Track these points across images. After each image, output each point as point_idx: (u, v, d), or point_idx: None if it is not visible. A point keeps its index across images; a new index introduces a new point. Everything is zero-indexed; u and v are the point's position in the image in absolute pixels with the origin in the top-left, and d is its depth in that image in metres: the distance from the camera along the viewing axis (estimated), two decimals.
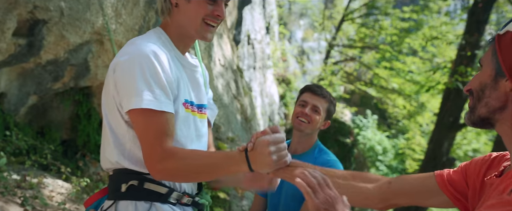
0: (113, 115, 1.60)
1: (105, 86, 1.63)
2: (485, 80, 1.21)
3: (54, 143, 4.97)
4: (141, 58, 1.52)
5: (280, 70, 17.45)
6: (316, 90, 2.43)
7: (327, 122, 2.49)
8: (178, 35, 1.68)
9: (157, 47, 1.57)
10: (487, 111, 1.21)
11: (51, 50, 4.44)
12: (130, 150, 1.59)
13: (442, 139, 10.19)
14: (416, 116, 17.60)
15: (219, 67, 6.54)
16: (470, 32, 9.27)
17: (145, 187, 1.59)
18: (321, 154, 2.45)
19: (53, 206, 4.03)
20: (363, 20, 19.03)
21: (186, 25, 1.65)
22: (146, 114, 1.49)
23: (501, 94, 1.17)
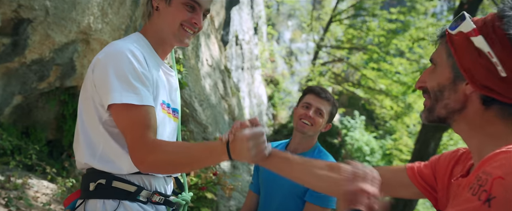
0: (89, 116, 1.61)
1: (83, 87, 1.64)
2: (443, 82, 1.19)
3: (39, 143, 4.91)
4: (118, 55, 1.54)
5: (268, 71, 17.47)
6: (320, 93, 2.44)
7: (329, 124, 2.51)
8: (157, 40, 1.73)
9: (135, 47, 1.60)
10: (447, 112, 1.21)
11: (36, 50, 4.40)
12: (103, 151, 1.60)
13: (429, 140, 10.28)
14: (403, 116, 17.72)
15: (206, 68, 6.52)
16: None
17: (113, 186, 1.60)
18: (320, 155, 2.45)
19: (38, 206, 3.98)
20: (351, 21, 19.14)
21: (165, 29, 1.69)
22: (127, 108, 1.51)
23: (460, 96, 1.16)
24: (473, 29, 1.10)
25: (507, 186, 0.93)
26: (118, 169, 1.60)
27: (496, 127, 1.13)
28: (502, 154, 1.00)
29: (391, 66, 16.49)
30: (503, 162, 0.98)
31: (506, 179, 0.94)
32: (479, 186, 0.97)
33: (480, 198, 0.95)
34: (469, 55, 1.11)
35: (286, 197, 2.43)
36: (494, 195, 0.94)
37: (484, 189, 0.95)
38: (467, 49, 1.12)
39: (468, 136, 1.20)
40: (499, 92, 1.09)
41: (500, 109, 1.12)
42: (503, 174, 0.95)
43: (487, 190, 0.95)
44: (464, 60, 1.13)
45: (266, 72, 17.11)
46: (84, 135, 1.62)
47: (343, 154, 10.89)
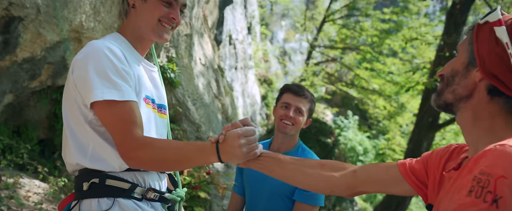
0: (74, 117, 1.61)
1: (65, 89, 1.64)
2: (457, 67, 1.22)
3: (31, 142, 4.87)
4: (96, 53, 1.54)
5: (261, 71, 17.47)
6: (298, 91, 2.44)
7: (309, 120, 2.52)
8: (135, 37, 1.73)
9: (112, 44, 1.60)
10: (454, 98, 1.22)
11: (28, 48, 4.36)
12: (93, 150, 1.60)
13: (422, 139, 10.34)
14: (396, 116, 17.81)
15: (200, 67, 6.50)
16: (448, 33, 9.42)
17: (107, 184, 1.60)
18: (304, 153, 2.47)
19: (30, 206, 3.95)
20: (344, 21, 19.19)
21: (143, 26, 1.70)
22: (110, 105, 1.51)
23: (469, 83, 1.18)
24: (499, 20, 1.12)
25: (511, 184, 0.93)
26: (111, 166, 1.60)
27: (497, 121, 1.14)
28: (492, 151, 1.00)
29: (384, 66, 16.56)
30: (497, 159, 0.97)
31: (509, 177, 0.94)
32: (481, 188, 0.96)
33: (486, 200, 0.94)
34: (487, 43, 1.14)
35: (274, 198, 2.43)
36: (500, 195, 0.93)
37: (488, 190, 0.95)
38: (488, 37, 1.14)
39: (469, 126, 1.21)
40: (506, 84, 1.11)
41: (505, 103, 1.13)
42: (505, 173, 0.94)
43: (492, 191, 0.94)
44: (481, 47, 1.15)
45: (259, 72, 17.11)
46: (72, 137, 1.62)
47: (336, 153, 10.89)
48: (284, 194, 2.42)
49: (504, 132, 1.11)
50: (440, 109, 1.29)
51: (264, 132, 14.11)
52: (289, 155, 2.44)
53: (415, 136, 10.55)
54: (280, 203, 2.43)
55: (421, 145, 10.29)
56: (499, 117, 1.14)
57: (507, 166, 0.95)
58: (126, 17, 1.72)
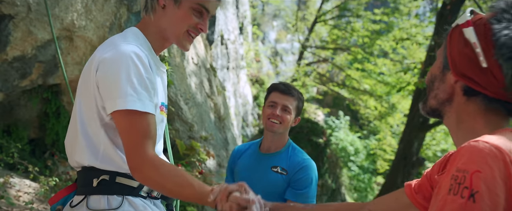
0: (89, 116, 1.58)
1: (84, 86, 1.60)
2: (435, 72, 1.25)
3: (22, 141, 4.83)
4: (125, 59, 1.50)
5: (253, 71, 17.47)
6: (284, 89, 2.45)
7: (297, 118, 2.53)
8: (157, 37, 1.68)
9: (139, 49, 1.55)
10: (437, 103, 1.25)
11: (18, 46, 4.31)
12: (104, 152, 1.58)
13: (412, 139, 10.41)
14: (387, 117, 17.91)
15: (192, 66, 6.49)
16: (438, 34, 9.50)
17: (117, 181, 1.59)
18: (294, 153, 2.48)
19: (20, 205, 3.92)
20: (336, 22, 19.27)
21: (168, 30, 1.65)
22: (130, 115, 1.48)
23: (447, 86, 1.20)
24: (467, 21, 1.15)
25: (485, 178, 0.96)
26: (121, 168, 1.59)
27: (477, 121, 1.16)
28: (466, 148, 1.03)
29: (375, 66, 16.65)
30: (471, 155, 1.00)
31: (483, 172, 0.96)
32: (458, 184, 0.99)
33: (463, 196, 0.97)
34: (457, 45, 1.17)
35: (266, 197, 2.42)
36: (476, 189, 0.96)
37: (465, 186, 0.97)
38: (458, 39, 1.17)
39: (455, 129, 1.23)
40: (479, 83, 1.12)
41: (482, 101, 1.15)
42: (479, 167, 0.97)
43: (468, 186, 0.96)
44: (452, 49, 1.18)
45: (251, 72, 17.11)
46: (84, 136, 1.59)
47: (328, 153, 10.93)
48: (276, 193, 2.42)
49: (484, 130, 1.13)
50: (429, 116, 1.32)
51: (256, 132, 14.11)
52: (280, 154, 2.48)
53: (406, 136, 10.62)
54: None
55: (412, 145, 10.36)
56: (479, 116, 1.16)
57: (481, 161, 0.98)
58: (153, 14, 1.65)
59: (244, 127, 14.08)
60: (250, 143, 2.67)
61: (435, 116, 1.29)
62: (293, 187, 2.38)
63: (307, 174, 2.39)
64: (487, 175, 0.96)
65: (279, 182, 2.40)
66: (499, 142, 1.01)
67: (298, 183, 2.38)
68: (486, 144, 1.00)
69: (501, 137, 1.04)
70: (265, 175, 2.43)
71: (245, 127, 14.24)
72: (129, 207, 1.58)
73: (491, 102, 1.13)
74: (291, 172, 2.40)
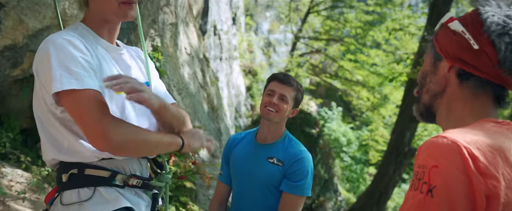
0: (44, 115, 1.59)
1: (34, 89, 1.62)
2: (426, 69, 1.27)
3: (13, 131, 4.79)
4: (52, 46, 1.51)
5: (246, 62, 17.44)
6: (283, 79, 2.44)
7: (295, 109, 2.51)
8: (99, 23, 1.68)
9: (70, 35, 1.55)
10: (429, 97, 1.26)
11: (9, 35, 4.26)
12: (68, 146, 1.58)
13: (404, 130, 10.47)
14: (380, 107, 17.98)
15: (185, 56, 6.46)
16: (431, 24, 9.52)
17: (86, 174, 1.59)
18: (291, 144, 2.46)
19: (13, 195, 3.90)
20: (329, 13, 19.22)
21: (104, 11, 1.65)
22: (71, 95, 1.46)
23: (440, 77, 1.22)
24: (450, 18, 1.20)
25: (442, 172, 0.98)
26: (87, 157, 1.58)
27: (466, 108, 1.18)
28: (426, 144, 1.05)
29: (367, 57, 16.67)
30: (430, 150, 1.02)
31: (440, 166, 0.98)
32: (418, 180, 1.01)
33: (422, 191, 0.99)
34: (445, 36, 1.20)
35: (262, 188, 2.43)
36: (434, 184, 0.98)
37: (424, 181, 0.99)
38: (445, 34, 1.20)
39: (445, 121, 1.24)
40: (472, 64, 1.14)
41: (475, 84, 1.16)
42: (436, 162, 0.99)
43: (427, 182, 0.99)
44: (441, 42, 1.21)
45: (244, 63, 17.08)
46: (45, 133, 1.60)
47: (321, 144, 10.97)
48: (272, 185, 2.41)
49: (470, 118, 1.16)
50: (422, 117, 1.32)
51: (249, 122, 14.12)
52: (276, 145, 2.47)
53: (398, 127, 10.68)
54: (268, 193, 2.43)
55: (404, 136, 10.42)
56: (468, 103, 1.18)
57: (438, 156, 1.00)
58: (86, 5, 1.67)
59: (237, 117, 14.09)
60: (246, 132, 2.66)
61: (429, 116, 1.30)
62: (289, 179, 2.37)
63: (303, 166, 2.38)
64: (444, 169, 0.98)
65: (275, 173, 2.39)
66: (459, 136, 1.02)
67: (294, 175, 2.37)
68: (444, 138, 1.02)
69: (468, 130, 1.06)
70: (261, 166, 2.42)
71: (238, 117, 14.24)
72: (100, 198, 1.57)
73: (483, 85, 1.15)
74: (287, 164, 2.39)
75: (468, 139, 1.01)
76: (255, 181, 2.44)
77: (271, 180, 2.40)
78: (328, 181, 11.42)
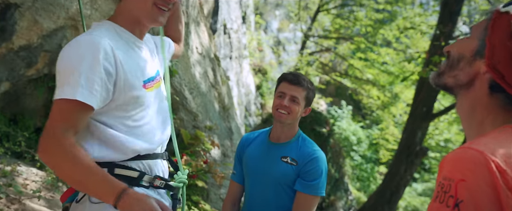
0: None
1: None
2: (464, 52, 1.18)
3: (28, 130, 4.84)
4: (84, 48, 1.50)
5: (256, 61, 17.44)
6: (293, 79, 2.42)
7: (308, 108, 2.50)
8: (130, 22, 1.67)
9: (98, 37, 1.53)
10: (454, 83, 1.21)
11: (24, 36, 4.31)
12: (99, 144, 1.59)
13: (416, 129, 10.41)
14: (390, 106, 17.89)
15: (196, 55, 6.48)
16: (443, 22, 9.44)
17: (116, 173, 1.59)
18: (305, 143, 2.45)
19: (28, 194, 3.94)
20: (338, 11, 19.15)
21: (137, 10, 1.64)
22: (60, 101, 1.50)
23: (472, 72, 1.15)
24: None
25: (470, 187, 0.95)
26: (118, 157, 1.59)
27: (489, 117, 1.14)
28: (452, 155, 1.02)
29: (378, 56, 16.59)
30: (456, 163, 1.00)
31: (468, 180, 0.96)
32: (444, 192, 0.99)
33: (448, 204, 0.97)
34: (501, 34, 1.10)
35: (275, 187, 2.43)
36: (461, 199, 0.96)
37: (450, 195, 0.97)
38: (503, 29, 1.10)
39: (466, 117, 1.20)
40: (508, 81, 1.08)
41: (503, 100, 1.12)
42: (464, 176, 0.97)
43: (454, 195, 0.97)
44: (493, 37, 1.12)
45: (254, 62, 17.08)
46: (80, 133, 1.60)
47: (331, 143, 10.95)
48: (286, 184, 2.41)
49: (490, 126, 1.12)
50: (437, 88, 1.28)
51: (259, 121, 14.12)
52: (290, 145, 2.46)
53: (409, 126, 10.62)
54: (281, 193, 2.42)
55: (416, 135, 10.36)
56: (493, 113, 1.13)
57: (466, 170, 0.97)
58: (120, 1, 1.67)
59: (247, 116, 14.09)
60: (259, 131, 2.65)
61: (445, 91, 1.25)
62: (303, 178, 2.36)
63: (317, 165, 2.37)
64: (472, 184, 0.95)
65: (288, 172, 2.38)
66: (486, 148, 0.99)
67: (308, 175, 2.36)
68: (471, 150, 0.99)
69: (494, 141, 1.02)
70: (274, 165, 2.42)
71: (248, 116, 14.25)
72: None
73: None
74: (301, 163, 2.38)
75: (496, 151, 0.98)
76: (268, 181, 2.44)
77: (285, 179, 2.40)
78: (338, 180, 11.40)
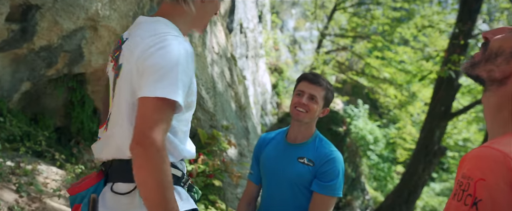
0: (131, 107, 1.56)
1: (129, 82, 1.56)
2: (506, 48, 1.13)
3: (48, 129, 4.92)
4: (183, 53, 1.50)
5: (272, 60, 17.43)
6: (312, 79, 2.42)
7: (326, 109, 2.50)
8: (188, 27, 1.70)
9: (188, 44, 1.55)
10: (487, 77, 1.17)
11: (45, 36, 4.38)
12: None
13: (434, 128, 10.30)
14: (407, 105, 17.72)
15: (213, 55, 6.50)
16: (462, 20, 9.31)
17: None
18: (322, 144, 2.45)
19: (48, 192, 4.01)
20: (355, 10, 19.01)
21: (201, 20, 1.70)
22: (157, 100, 1.45)
23: (509, 70, 1.12)
24: None
25: (489, 186, 0.95)
26: (172, 157, 1.60)
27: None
28: (473, 154, 1.01)
29: (395, 55, 16.44)
30: (477, 161, 0.99)
31: (487, 180, 0.95)
32: (462, 191, 0.98)
33: (466, 203, 0.97)
34: None
35: (292, 188, 2.42)
36: (480, 198, 0.95)
37: (469, 193, 0.97)
38: None
39: (492, 114, 1.17)
40: None
41: None
42: (484, 175, 0.96)
43: (472, 194, 0.96)
44: None
45: (270, 61, 17.08)
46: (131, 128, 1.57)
47: (347, 142, 10.89)
48: (302, 185, 2.40)
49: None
50: (468, 76, 1.23)
51: (274, 120, 14.12)
52: (307, 145, 2.45)
53: (428, 125, 10.51)
54: (298, 193, 2.42)
55: (434, 134, 10.25)
56: None
57: (486, 168, 0.97)
58: (185, 4, 1.63)
59: (263, 115, 14.10)
60: (277, 132, 2.65)
61: (475, 81, 1.21)
62: (320, 179, 2.36)
63: (334, 166, 2.36)
64: (491, 183, 0.95)
65: (305, 173, 2.38)
66: (507, 147, 0.99)
67: (325, 175, 2.36)
68: (492, 150, 0.99)
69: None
70: (291, 166, 2.42)
71: (264, 115, 14.25)
72: (177, 196, 1.58)
73: None
74: (318, 164, 2.37)
75: None
76: (285, 181, 2.44)
77: (301, 180, 2.39)
78: (355, 179, 11.33)
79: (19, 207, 3.55)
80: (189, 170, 5.11)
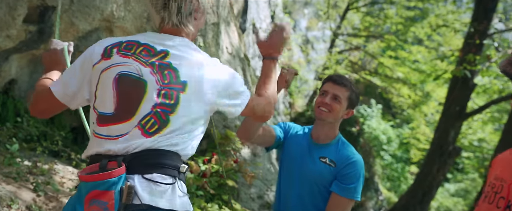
0: (200, 115, 1.77)
1: (198, 86, 1.74)
2: None
3: (64, 129, 4.98)
4: None
5: (284, 59, 17.40)
6: (337, 79, 2.46)
7: (350, 110, 2.52)
8: None
9: None
10: None
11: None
12: (192, 144, 1.76)
13: (448, 128, 10.20)
14: (421, 105, 17.55)
15: (226, 55, 6.52)
16: (478, 20, 9.21)
17: (182, 165, 1.73)
18: (344, 146, 2.48)
19: (65, 192, 4.05)
20: (368, 9, 18.88)
21: (195, 35, 1.91)
22: None
23: None
24: None
25: None
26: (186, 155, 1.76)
27: None
28: (506, 156, 0.99)
29: (409, 54, 16.30)
30: (510, 164, 0.97)
31: None
32: (495, 193, 0.97)
33: (499, 206, 0.95)
34: None
35: (312, 187, 2.44)
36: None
37: (501, 196, 0.95)
38: None
39: None
40: None
41: None
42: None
43: (505, 197, 0.95)
44: None
45: (282, 61, 17.05)
46: (197, 131, 1.77)
47: (361, 142, 10.85)
48: (321, 184, 2.42)
49: None
50: (503, 73, 1.21)
51: (287, 120, 14.10)
52: (329, 146, 2.45)
53: (442, 125, 10.42)
54: (316, 192, 2.44)
55: (448, 134, 10.16)
56: None
57: None
58: (186, 28, 1.83)
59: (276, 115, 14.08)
60: (302, 128, 2.67)
61: (509, 78, 1.20)
62: (340, 181, 2.38)
63: (355, 169, 2.39)
64: None
65: (326, 173, 2.40)
66: None
67: (346, 178, 2.38)
68: None
69: None
70: (312, 164, 2.44)
71: (277, 115, 14.24)
72: (181, 190, 1.72)
73: None
74: (339, 166, 2.40)
75: None
76: (305, 178, 2.45)
77: (321, 179, 2.41)
78: (368, 180, 11.28)
79: (37, 206, 3.60)
80: (202, 170, 5.13)
